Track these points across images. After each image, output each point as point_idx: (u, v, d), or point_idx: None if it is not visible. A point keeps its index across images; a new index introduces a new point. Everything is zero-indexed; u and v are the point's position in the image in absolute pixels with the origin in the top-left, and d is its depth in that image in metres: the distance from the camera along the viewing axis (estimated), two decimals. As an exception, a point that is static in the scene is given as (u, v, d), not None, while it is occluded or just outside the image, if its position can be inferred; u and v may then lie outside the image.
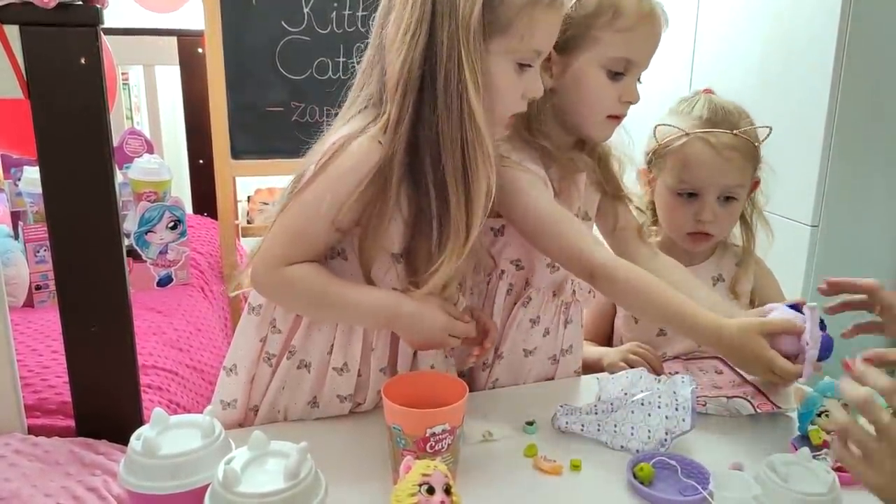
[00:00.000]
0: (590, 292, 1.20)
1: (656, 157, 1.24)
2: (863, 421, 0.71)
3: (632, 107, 1.12)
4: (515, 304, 1.15)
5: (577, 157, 1.13)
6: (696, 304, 0.98)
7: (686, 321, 0.97)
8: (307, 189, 0.93)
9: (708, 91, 1.27)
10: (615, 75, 1.05)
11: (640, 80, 1.10)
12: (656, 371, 1.16)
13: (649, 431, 0.97)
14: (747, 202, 1.27)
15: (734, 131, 1.19)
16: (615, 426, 0.99)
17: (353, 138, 0.92)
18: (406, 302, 0.96)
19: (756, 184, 1.25)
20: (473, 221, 0.91)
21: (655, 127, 1.25)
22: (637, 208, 1.25)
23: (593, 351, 1.29)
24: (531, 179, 1.05)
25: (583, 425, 1.01)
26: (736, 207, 1.23)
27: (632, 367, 1.14)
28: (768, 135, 1.22)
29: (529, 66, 0.95)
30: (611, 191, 1.20)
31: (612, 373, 1.23)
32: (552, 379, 1.21)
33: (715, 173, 1.19)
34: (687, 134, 1.20)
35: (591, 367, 1.30)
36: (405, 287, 0.98)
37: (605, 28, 1.03)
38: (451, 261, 0.92)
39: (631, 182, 1.24)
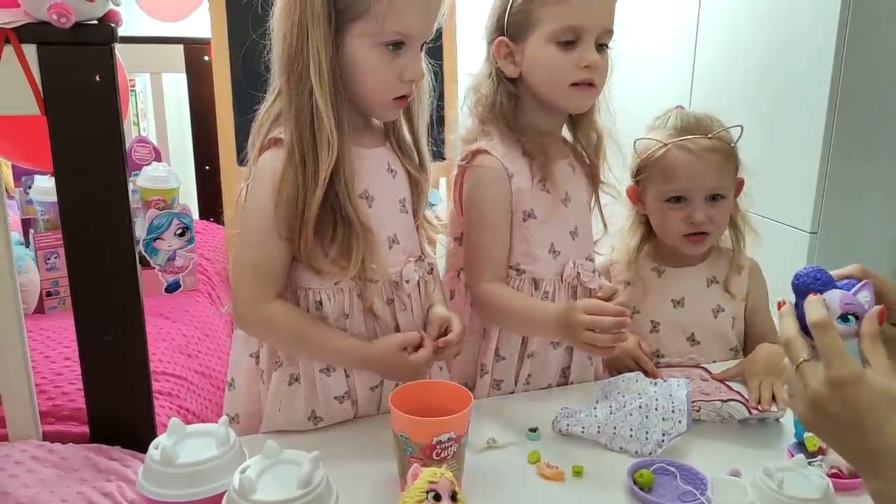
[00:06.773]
0: (594, 272, 1.21)
1: (640, 171, 1.28)
2: None
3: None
4: None
5: (550, 144, 1.18)
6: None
7: None
8: (245, 220, 1.00)
9: (679, 108, 1.32)
10: (566, 45, 1.08)
11: (609, 45, 1.12)
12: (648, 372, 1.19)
13: (647, 433, 1.00)
14: (734, 205, 1.31)
15: (709, 135, 1.24)
16: (614, 428, 1.02)
17: (265, 148, 1.00)
18: (372, 351, 1.01)
19: (741, 184, 1.29)
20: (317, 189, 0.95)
21: (634, 143, 1.29)
22: (612, 195, 1.28)
23: None
24: (487, 182, 1.13)
25: (583, 428, 1.03)
26: (725, 205, 1.27)
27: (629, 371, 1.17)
28: (741, 135, 1.26)
29: (401, 46, 0.96)
30: (593, 174, 1.25)
31: (610, 372, 1.26)
32: (569, 368, 1.23)
33: (698, 176, 1.24)
34: (665, 144, 1.24)
35: None
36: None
37: (541, 7, 1.08)
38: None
39: (619, 171, 1.27)
